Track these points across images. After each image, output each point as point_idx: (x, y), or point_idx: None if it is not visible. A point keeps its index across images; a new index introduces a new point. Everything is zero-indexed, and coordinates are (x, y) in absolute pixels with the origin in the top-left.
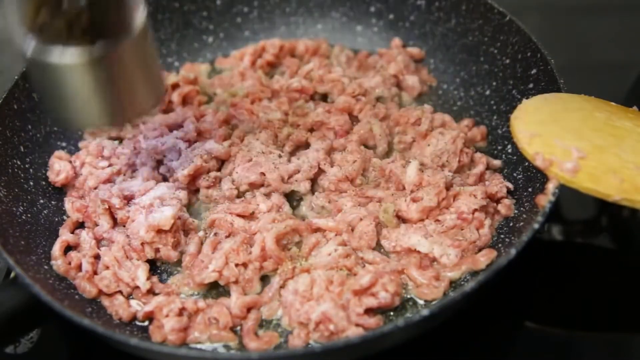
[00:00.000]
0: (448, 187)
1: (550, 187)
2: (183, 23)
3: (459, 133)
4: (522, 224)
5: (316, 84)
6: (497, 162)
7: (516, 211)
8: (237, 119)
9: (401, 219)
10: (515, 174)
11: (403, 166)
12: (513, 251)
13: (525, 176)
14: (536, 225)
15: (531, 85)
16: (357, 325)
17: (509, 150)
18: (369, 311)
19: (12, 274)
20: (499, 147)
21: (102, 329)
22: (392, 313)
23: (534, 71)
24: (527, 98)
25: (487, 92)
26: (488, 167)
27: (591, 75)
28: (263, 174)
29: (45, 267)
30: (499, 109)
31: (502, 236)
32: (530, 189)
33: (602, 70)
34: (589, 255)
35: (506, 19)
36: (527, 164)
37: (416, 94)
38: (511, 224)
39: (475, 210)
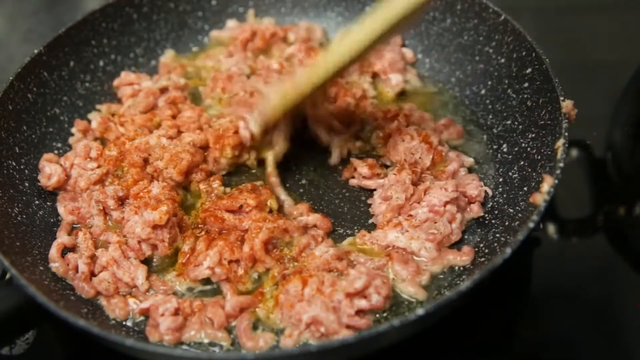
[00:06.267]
0: (415, 183)
1: (546, 186)
2: (178, 23)
3: (433, 130)
4: (517, 223)
5: (296, 67)
6: (470, 160)
7: (511, 210)
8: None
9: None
10: (510, 173)
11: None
12: (508, 250)
13: (521, 175)
14: (531, 224)
15: (526, 85)
16: (348, 327)
17: (505, 150)
18: (360, 312)
19: (8, 275)
20: (495, 147)
21: (97, 329)
22: (385, 314)
23: (529, 70)
24: (522, 97)
25: (483, 92)
26: (462, 165)
27: (586, 74)
28: None
29: (41, 268)
30: (494, 108)
31: (497, 235)
32: (525, 188)
33: (597, 69)
34: (585, 254)
35: (501, 18)
36: (522, 163)
37: (397, 91)
38: (506, 223)
39: (447, 202)
